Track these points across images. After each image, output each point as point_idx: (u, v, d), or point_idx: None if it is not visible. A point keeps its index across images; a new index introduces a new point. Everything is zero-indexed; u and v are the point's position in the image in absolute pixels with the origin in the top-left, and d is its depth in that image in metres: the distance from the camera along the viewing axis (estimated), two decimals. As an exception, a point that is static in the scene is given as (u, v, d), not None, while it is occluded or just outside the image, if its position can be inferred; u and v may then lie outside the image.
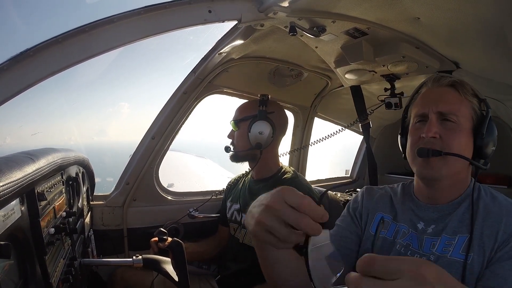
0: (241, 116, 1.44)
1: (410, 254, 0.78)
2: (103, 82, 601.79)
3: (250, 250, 1.36)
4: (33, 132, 52.17)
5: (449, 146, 0.75)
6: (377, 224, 0.85)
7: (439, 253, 0.74)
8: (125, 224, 1.52)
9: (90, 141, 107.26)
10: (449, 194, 0.80)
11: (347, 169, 2.78)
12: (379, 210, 0.88)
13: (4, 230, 0.51)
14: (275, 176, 1.41)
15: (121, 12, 0.90)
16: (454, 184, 0.80)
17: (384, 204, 0.89)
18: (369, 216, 0.89)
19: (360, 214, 0.91)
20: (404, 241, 0.80)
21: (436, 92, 0.82)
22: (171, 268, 1.01)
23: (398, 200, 0.88)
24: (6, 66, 0.77)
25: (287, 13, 1.07)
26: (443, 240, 0.75)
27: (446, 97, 0.79)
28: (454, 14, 0.97)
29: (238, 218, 1.46)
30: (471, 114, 0.79)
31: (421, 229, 0.80)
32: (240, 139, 1.43)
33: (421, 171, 0.79)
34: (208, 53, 1.40)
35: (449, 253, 0.73)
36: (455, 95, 0.79)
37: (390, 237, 0.83)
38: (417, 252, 0.78)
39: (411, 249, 0.79)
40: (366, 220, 0.89)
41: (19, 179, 0.54)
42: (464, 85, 0.81)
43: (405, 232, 0.81)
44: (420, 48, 1.26)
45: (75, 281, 0.87)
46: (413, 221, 0.82)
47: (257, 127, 1.37)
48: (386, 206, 0.88)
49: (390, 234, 0.83)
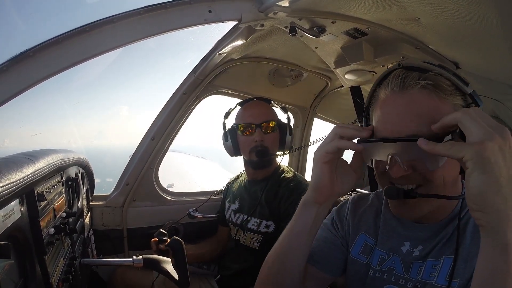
0: (278, 121, 1.44)
1: (394, 280, 0.68)
2: (101, 83, 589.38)
3: (250, 251, 1.36)
4: (33, 133, 51.73)
5: (429, 178, 0.57)
6: (360, 248, 0.76)
7: (425, 279, 0.64)
8: (124, 224, 1.52)
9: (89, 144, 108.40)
10: (439, 213, 0.66)
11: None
12: (362, 230, 0.77)
13: (4, 230, 0.51)
14: (273, 176, 1.40)
15: (121, 12, 0.90)
16: (443, 205, 0.65)
17: (368, 222, 0.77)
18: (350, 235, 0.79)
19: (343, 230, 0.81)
20: (384, 266, 0.71)
21: (400, 105, 0.58)
22: (171, 267, 1.01)
23: (382, 215, 0.75)
24: (6, 67, 0.77)
25: (287, 13, 1.07)
26: (429, 265, 0.64)
27: (417, 114, 0.56)
28: (454, 14, 0.97)
29: (234, 219, 1.46)
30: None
31: (407, 252, 0.68)
32: (276, 142, 1.41)
33: (397, 211, 0.64)
34: (208, 53, 1.40)
35: (434, 278, 0.62)
36: (431, 104, 0.56)
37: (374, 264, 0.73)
38: (402, 276, 0.68)
39: (395, 273, 0.69)
40: (349, 238, 0.79)
41: (18, 180, 0.54)
42: (440, 83, 0.57)
43: (383, 258, 0.71)
44: (420, 48, 1.25)
45: (75, 281, 0.87)
46: (397, 243, 0.70)
47: (290, 131, 1.45)
48: (369, 225, 0.77)
49: (372, 261, 0.73)
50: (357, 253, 0.76)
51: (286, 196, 1.29)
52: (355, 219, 0.79)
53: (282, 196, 1.30)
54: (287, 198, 1.28)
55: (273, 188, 1.35)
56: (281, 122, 1.44)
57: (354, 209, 0.81)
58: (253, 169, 1.42)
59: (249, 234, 1.37)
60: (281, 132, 1.42)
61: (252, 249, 1.35)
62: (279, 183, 1.36)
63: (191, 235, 1.59)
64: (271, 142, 1.38)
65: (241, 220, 1.41)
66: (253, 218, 1.36)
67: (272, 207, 1.32)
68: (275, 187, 1.35)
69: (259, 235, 1.34)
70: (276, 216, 1.30)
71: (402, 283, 0.67)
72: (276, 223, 1.30)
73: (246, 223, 1.38)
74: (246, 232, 1.38)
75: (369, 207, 0.80)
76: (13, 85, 0.77)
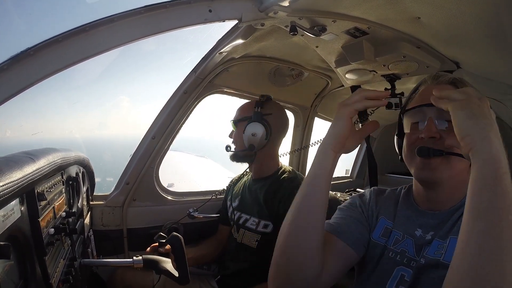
0: (239, 117, 1.44)
1: (406, 262, 0.75)
2: (103, 76, 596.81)
3: (249, 250, 1.36)
4: (34, 128, 51.47)
5: (451, 146, 0.69)
6: (380, 232, 0.82)
7: (431, 256, 0.71)
8: (124, 224, 1.52)
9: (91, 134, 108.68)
10: (450, 198, 0.75)
11: (347, 169, 2.79)
12: (382, 214, 0.85)
13: (4, 230, 0.51)
14: (274, 176, 1.40)
15: (121, 11, 0.90)
16: (455, 187, 0.75)
17: (388, 207, 0.86)
18: (373, 219, 0.86)
19: (367, 213, 0.87)
20: (398, 247, 0.77)
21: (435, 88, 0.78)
22: (171, 266, 1.02)
23: (399, 206, 0.85)
24: (6, 66, 0.77)
25: (288, 13, 1.07)
26: (434, 244, 0.72)
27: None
28: (454, 14, 0.97)
29: (234, 217, 1.45)
30: None
31: (420, 236, 0.76)
32: (238, 140, 1.43)
33: (421, 172, 0.74)
34: (209, 52, 1.40)
35: (442, 256, 0.69)
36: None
37: (389, 245, 0.80)
38: (414, 259, 0.74)
39: (407, 256, 0.75)
40: (371, 222, 0.86)
41: (19, 179, 0.53)
42: (464, 83, 0.78)
43: (398, 238, 0.78)
44: (421, 48, 1.25)
45: (75, 281, 0.87)
46: (411, 227, 0.78)
47: (250, 128, 1.37)
48: (389, 210, 0.85)
49: (390, 243, 0.80)
50: (378, 236, 0.82)
51: (286, 197, 1.27)
52: (377, 204, 0.87)
53: (282, 197, 1.29)
54: (287, 198, 1.26)
55: (273, 187, 1.35)
56: (241, 118, 1.42)
57: (376, 197, 0.90)
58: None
59: (247, 233, 1.37)
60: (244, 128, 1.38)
61: (251, 248, 1.35)
62: (280, 183, 1.35)
63: (191, 235, 1.59)
64: (233, 139, 1.47)
65: (240, 219, 1.41)
66: (252, 217, 1.36)
67: (271, 207, 1.31)
68: (275, 187, 1.34)
69: (258, 235, 1.33)
70: (275, 217, 1.29)
71: (413, 264, 0.73)
72: (274, 224, 1.30)
73: (245, 222, 1.38)
74: (245, 231, 1.38)
75: (388, 197, 0.89)
76: (14, 84, 0.77)
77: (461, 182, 0.74)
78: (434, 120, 0.73)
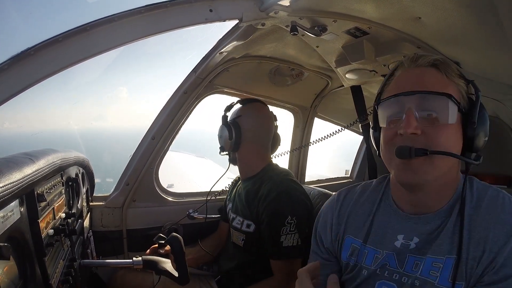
0: (225, 121, 1.45)
1: (388, 275, 0.67)
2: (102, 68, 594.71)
3: (238, 249, 1.36)
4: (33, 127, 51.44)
5: (435, 143, 0.61)
6: (348, 252, 0.75)
7: (425, 277, 0.63)
8: (124, 225, 1.51)
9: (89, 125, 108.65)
10: (436, 200, 0.66)
11: (347, 169, 2.78)
12: (348, 233, 0.77)
13: (4, 231, 0.51)
14: (257, 176, 1.39)
15: (122, 11, 0.90)
16: (442, 187, 0.66)
17: (356, 223, 0.76)
18: (339, 242, 0.78)
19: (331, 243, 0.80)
20: (378, 265, 0.69)
21: (414, 74, 0.66)
22: (170, 266, 1.02)
23: (373, 214, 0.75)
24: (7, 65, 0.76)
25: (288, 13, 1.07)
26: (428, 262, 0.63)
27: (428, 81, 0.64)
28: (455, 14, 0.97)
29: (229, 216, 1.46)
30: (459, 97, 0.64)
31: (401, 245, 0.67)
32: (220, 140, 1.47)
33: (401, 175, 0.64)
34: (209, 52, 1.39)
35: (436, 279, 0.61)
36: (438, 77, 0.65)
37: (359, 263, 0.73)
38: (396, 271, 0.67)
39: (388, 268, 0.68)
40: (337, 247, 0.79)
41: (18, 180, 0.53)
42: (449, 64, 0.66)
43: (377, 256, 0.70)
44: (421, 47, 1.25)
45: (75, 282, 0.86)
46: (390, 239, 0.70)
47: (218, 131, 1.45)
48: (357, 227, 0.76)
49: (360, 260, 0.73)
50: (346, 257, 0.76)
51: (264, 197, 1.25)
52: (341, 223, 0.79)
53: (261, 196, 1.27)
54: (264, 199, 1.25)
55: (255, 187, 1.33)
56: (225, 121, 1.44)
57: (339, 212, 0.80)
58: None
59: (235, 232, 1.38)
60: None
61: (239, 247, 1.35)
62: (261, 182, 1.33)
63: (190, 236, 1.59)
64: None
65: (232, 219, 1.42)
66: (238, 216, 1.37)
67: (252, 207, 1.30)
68: (257, 186, 1.33)
69: (243, 234, 1.34)
70: (255, 217, 1.28)
71: (396, 277, 0.66)
72: (255, 223, 1.29)
73: (232, 220, 1.40)
74: (233, 230, 1.39)
75: (357, 204, 0.79)
76: (14, 84, 0.77)
77: (448, 181, 0.66)
78: (414, 112, 0.62)
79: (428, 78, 0.65)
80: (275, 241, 1.18)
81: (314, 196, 1.42)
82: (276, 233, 1.18)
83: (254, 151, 1.43)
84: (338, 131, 1.83)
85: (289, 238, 1.17)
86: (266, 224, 1.22)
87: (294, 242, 1.18)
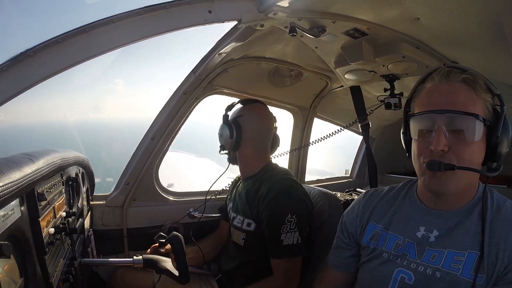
0: (225, 120, 1.46)
1: (406, 264, 0.75)
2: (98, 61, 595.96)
3: (238, 248, 1.36)
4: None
5: (461, 159, 0.68)
6: (369, 236, 0.84)
7: (446, 269, 0.70)
8: (125, 224, 1.52)
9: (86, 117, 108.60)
10: (457, 202, 0.75)
11: (347, 169, 2.78)
12: (372, 220, 0.86)
13: (4, 230, 0.52)
14: (257, 175, 1.40)
15: (121, 12, 0.91)
16: (462, 193, 0.75)
17: (379, 213, 0.86)
18: (362, 228, 0.88)
19: (354, 228, 0.89)
20: (399, 251, 0.77)
21: (445, 91, 0.71)
22: (171, 265, 1.03)
23: (397, 206, 0.84)
24: (6, 67, 0.77)
25: (287, 14, 1.07)
26: (450, 256, 0.70)
27: (458, 100, 0.69)
28: (453, 14, 0.97)
29: (230, 215, 1.47)
30: (485, 113, 0.70)
31: (422, 236, 0.75)
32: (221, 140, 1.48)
33: (430, 184, 0.73)
34: (208, 53, 1.40)
35: (459, 271, 0.68)
36: (468, 95, 0.69)
37: (379, 247, 0.81)
38: (414, 261, 0.74)
39: (408, 259, 0.75)
40: (360, 232, 0.88)
41: (18, 180, 0.54)
42: (477, 80, 0.71)
43: (398, 243, 0.78)
44: (420, 48, 1.26)
45: (75, 280, 0.87)
46: (411, 230, 0.78)
47: (219, 130, 1.46)
48: (380, 215, 0.85)
49: (380, 245, 0.81)
50: (367, 240, 0.84)
51: (264, 196, 1.26)
52: (366, 212, 0.88)
53: (261, 195, 1.28)
54: (264, 198, 1.25)
55: (255, 186, 1.34)
56: (226, 120, 1.45)
57: (366, 203, 0.90)
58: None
59: (235, 231, 1.39)
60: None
61: (240, 246, 1.36)
62: (261, 181, 1.34)
63: (191, 235, 1.60)
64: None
65: (232, 218, 1.42)
66: (238, 215, 1.38)
67: (252, 206, 1.31)
68: (257, 186, 1.34)
69: (243, 233, 1.34)
70: (255, 216, 1.29)
71: (413, 266, 0.74)
72: (256, 222, 1.30)
73: (233, 219, 1.41)
74: (234, 229, 1.40)
75: (382, 199, 0.88)
76: (13, 85, 0.78)
77: (468, 187, 0.74)
78: (443, 131, 0.68)
79: (458, 96, 0.70)
80: (275, 240, 1.19)
81: (314, 196, 1.42)
82: (276, 231, 1.19)
83: (254, 150, 1.43)
84: (337, 131, 1.83)
85: (289, 237, 1.18)
86: (266, 223, 1.23)
87: (294, 241, 1.18)
